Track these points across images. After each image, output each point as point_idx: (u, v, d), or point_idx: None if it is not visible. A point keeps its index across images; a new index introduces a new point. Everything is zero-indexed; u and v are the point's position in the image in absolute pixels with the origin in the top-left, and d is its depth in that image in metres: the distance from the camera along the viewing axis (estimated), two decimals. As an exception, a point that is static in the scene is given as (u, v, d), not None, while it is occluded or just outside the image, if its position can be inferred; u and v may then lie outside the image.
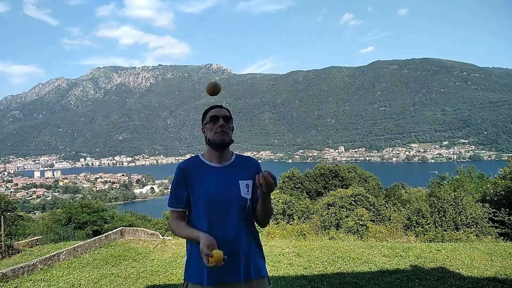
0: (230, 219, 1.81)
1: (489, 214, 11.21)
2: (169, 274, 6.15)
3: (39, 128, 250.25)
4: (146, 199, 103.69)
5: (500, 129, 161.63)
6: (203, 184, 1.84)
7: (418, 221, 11.55)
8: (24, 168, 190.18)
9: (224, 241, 1.78)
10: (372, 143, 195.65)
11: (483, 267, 5.37)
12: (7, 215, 21.10)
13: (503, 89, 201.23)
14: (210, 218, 1.80)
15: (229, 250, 1.77)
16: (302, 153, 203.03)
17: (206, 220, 1.80)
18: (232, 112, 2.05)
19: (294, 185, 27.87)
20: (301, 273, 5.47)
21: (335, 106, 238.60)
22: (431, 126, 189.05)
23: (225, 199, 1.81)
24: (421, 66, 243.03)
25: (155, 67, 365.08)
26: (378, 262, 5.90)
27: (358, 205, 14.78)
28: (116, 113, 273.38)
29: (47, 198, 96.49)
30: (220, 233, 1.79)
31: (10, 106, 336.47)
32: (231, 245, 1.79)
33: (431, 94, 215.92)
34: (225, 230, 1.80)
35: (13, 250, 9.20)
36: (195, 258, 1.83)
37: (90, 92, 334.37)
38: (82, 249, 8.65)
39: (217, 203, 1.80)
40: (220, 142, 1.87)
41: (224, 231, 1.80)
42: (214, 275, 1.77)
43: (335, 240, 8.98)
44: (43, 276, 6.54)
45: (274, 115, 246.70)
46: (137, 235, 10.70)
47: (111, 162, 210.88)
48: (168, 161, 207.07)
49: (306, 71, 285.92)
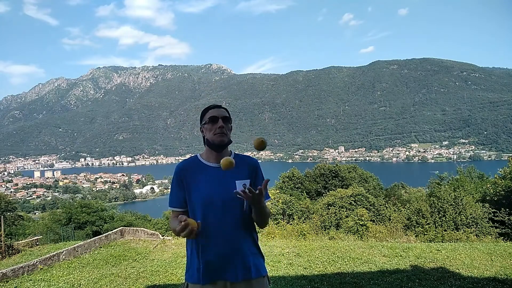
0: (226, 219, 1.81)
1: (489, 214, 11.20)
2: (169, 274, 6.15)
3: (39, 128, 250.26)
4: (146, 199, 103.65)
5: (500, 129, 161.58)
6: (200, 184, 1.85)
7: (418, 221, 11.55)
8: (24, 168, 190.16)
9: (221, 241, 1.78)
10: (372, 143, 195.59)
11: (483, 267, 5.37)
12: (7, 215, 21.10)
13: (503, 89, 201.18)
14: (206, 218, 1.80)
15: (226, 250, 1.78)
16: (302, 153, 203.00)
17: (202, 219, 1.80)
18: (232, 112, 2.06)
19: (294, 185, 27.84)
20: (301, 273, 5.47)
21: (335, 106, 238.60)
22: (431, 126, 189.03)
23: (221, 199, 1.81)
24: (421, 66, 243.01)
25: (155, 67, 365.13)
26: (378, 262, 5.90)
27: (358, 205, 14.77)
28: (116, 113, 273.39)
29: (47, 198, 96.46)
30: (215, 233, 1.79)
31: (10, 106, 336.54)
32: (227, 245, 1.79)
33: (431, 94, 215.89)
34: (221, 229, 1.80)
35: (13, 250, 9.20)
36: (195, 258, 1.83)
37: (90, 92, 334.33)
38: (82, 249, 8.65)
39: (213, 202, 1.80)
40: (219, 143, 1.87)
41: (220, 231, 1.80)
42: (211, 274, 1.78)
43: (335, 240, 8.98)
44: (43, 276, 6.54)
45: (274, 115, 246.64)
46: (137, 235, 10.70)
47: (111, 162, 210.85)
48: (168, 161, 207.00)
49: (306, 71, 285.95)
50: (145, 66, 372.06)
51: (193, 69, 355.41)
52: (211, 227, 1.80)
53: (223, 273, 1.79)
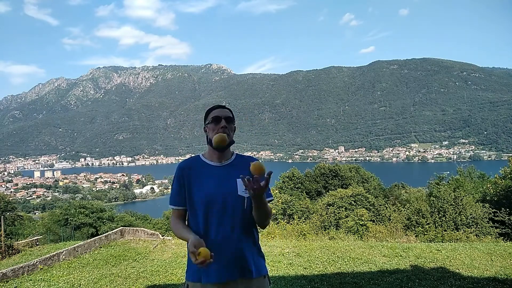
0: (227, 218, 1.81)
1: (489, 214, 11.20)
2: (169, 274, 6.15)
3: (39, 128, 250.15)
4: (146, 199, 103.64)
5: (500, 129, 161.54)
6: (201, 183, 1.85)
7: (418, 221, 11.54)
8: (24, 168, 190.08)
9: (220, 240, 1.78)
10: (372, 143, 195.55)
11: (483, 267, 5.37)
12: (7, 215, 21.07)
13: (503, 89, 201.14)
14: (207, 217, 1.81)
15: (226, 249, 1.78)
16: (302, 153, 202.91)
17: (203, 218, 1.81)
18: (233, 112, 2.05)
19: (294, 185, 27.81)
20: (301, 273, 5.47)
21: (335, 106, 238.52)
22: (431, 126, 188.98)
23: (222, 198, 1.81)
24: (421, 66, 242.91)
25: (155, 67, 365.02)
26: (378, 262, 5.90)
27: (358, 205, 14.77)
28: (116, 113, 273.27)
29: (47, 198, 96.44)
30: (216, 232, 1.79)
31: (10, 106, 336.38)
32: (227, 244, 1.79)
33: (431, 94, 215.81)
34: (222, 228, 1.80)
35: (13, 250, 9.20)
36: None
37: (90, 92, 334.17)
38: (82, 249, 8.65)
39: (214, 201, 1.81)
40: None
41: (221, 230, 1.80)
42: (211, 273, 1.77)
43: (335, 240, 8.98)
44: (43, 276, 6.54)
45: (274, 115, 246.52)
46: (137, 235, 10.70)
47: (111, 162, 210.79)
48: (168, 161, 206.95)
49: (306, 71, 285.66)
50: (145, 66, 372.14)
51: (193, 69, 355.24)
52: (212, 227, 1.80)
53: (224, 272, 1.78)
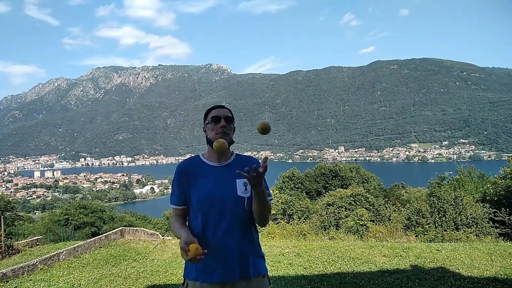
0: (225, 218, 1.80)
1: (489, 214, 11.20)
2: (169, 274, 6.15)
3: (39, 128, 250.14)
4: (146, 199, 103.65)
5: (500, 129, 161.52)
6: (201, 183, 1.85)
7: (418, 221, 11.54)
8: (24, 168, 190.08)
9: (220, 240, 1.78)
10: (372, 143, 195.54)
11: (483, 267, 5.37)
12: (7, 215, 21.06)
13: (503, 89, 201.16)
14: (205, 217, 1.81)
15: (225, 249, 1.77)
16: (302, 153, 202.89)
17: (202, 218, 1.81)
18: (232, 112, 2.05)
19: (294, 185, 27.80)
20: (301, 273, 5.47)
21: (335, 106, 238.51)
22: (431, 126, 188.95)
23: (221, 198, 1.81)
24: (421, 66, 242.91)
25: (155, 67, 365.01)
26: (378, 262, 5.90)
27: (358, 205, 14.77)
28: (116, 113, 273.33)
29: (47, 198, 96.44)
30: (216, 232, 1.79)
31: (10, 106, 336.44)
32: (227, 244, 1.79)
33: (431, 94, 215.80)
34: (221, 228, 1.80)
35: (13, 250, 9.21)
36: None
37: (90, 92, 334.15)
38: (82, 249, 8.65)
39: (212, 201, 1.80)
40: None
41: (220, 230, 1.80)
42: (210, 273, 1.77)
43: (335, 240, 8.98)
44: (43, 276, 6.54)
45: (274, 115, 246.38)
46: (137, 235, 10.70)
47: (111, 162, 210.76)
48: (168, 161, 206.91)
49: (306, 71, 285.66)
50: (145, 66, 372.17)
51: (193, 69, 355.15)
52: (212, 226, 1.80)
53: (223, 271, 1.78)
